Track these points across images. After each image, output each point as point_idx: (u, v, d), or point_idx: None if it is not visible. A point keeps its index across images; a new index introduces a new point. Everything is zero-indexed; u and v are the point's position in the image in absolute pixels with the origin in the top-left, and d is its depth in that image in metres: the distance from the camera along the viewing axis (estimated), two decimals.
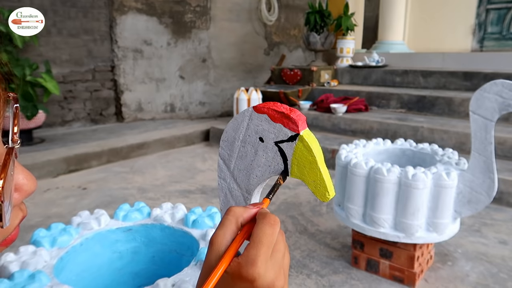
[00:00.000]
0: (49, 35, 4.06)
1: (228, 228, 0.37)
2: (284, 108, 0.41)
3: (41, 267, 0.80)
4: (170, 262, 0.96)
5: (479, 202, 1.51)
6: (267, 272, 0.35)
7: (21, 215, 0.34)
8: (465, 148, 2.91)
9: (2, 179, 0.28)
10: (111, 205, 2.52)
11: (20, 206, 0.33)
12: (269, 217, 0.37)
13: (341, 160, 1.74)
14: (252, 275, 0.34)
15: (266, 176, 0.44)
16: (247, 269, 0.34)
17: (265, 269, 0.35)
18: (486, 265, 1.79)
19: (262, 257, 0.35)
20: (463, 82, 4.01)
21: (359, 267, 1.77)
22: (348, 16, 4.71)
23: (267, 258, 0.35)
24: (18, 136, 0.32)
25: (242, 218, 0.38)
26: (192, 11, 4.82)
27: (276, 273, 0.36)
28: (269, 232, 0.36)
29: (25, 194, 0.33)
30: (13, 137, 0.31)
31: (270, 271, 0.35)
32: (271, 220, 0.37)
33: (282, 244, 0.37)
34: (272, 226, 0.36)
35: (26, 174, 0.33)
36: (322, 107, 4.00)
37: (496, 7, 5.15)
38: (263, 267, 0.35)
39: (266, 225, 0.36)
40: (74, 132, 4.17)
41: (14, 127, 0.32)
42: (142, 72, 4.73)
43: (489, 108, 1.42)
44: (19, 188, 0.32)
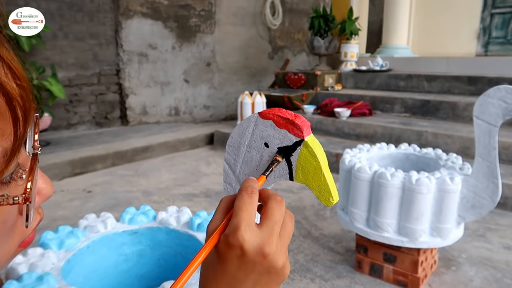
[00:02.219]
0: (56, 39, 4.10)
1: (218, 214, 0.39)
2: (289, 114, 0.42)
3: (49, 269, 0.81)
4: (175, 265, 0.97)
5: (483, 207, 1.51)
6: (253, 237, 0.36)
7: (39, 218, 0.35)
8: (470, 152, 2.91)
9: (30, 181, 0.30)
10: (116, 208, 2.54)
11: (38, 209, 0.35)
12: (246, 188, 0.39)
13: (345, 165, 1.74)
14: (237, 239, 0.35)
15: (271, 181, 0.45)
16: (232, 236, 0.35)
17: (251, 234, 0.35)
18: (490, 270, 1.78)
19: (244, 223, 0.35)
20: (467, 87, 4.00)
21: (362, 271, 1.77)
22: (352, 21, 4.72)
23: (249, 224, 0.36)
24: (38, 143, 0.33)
25: (232, 202, 0.39)
26: (197, 15, 4.85)
27: (264, 238, 0.36)
28: (248, 201, 0.37)
29: (44, 197, 0.34)
30: (34, 144, 0.33)
31: (257, 236, 0.36)
32: (248, 190, 0.38)
33: (276, 213, 0.38)
34: (250, 195, 0.38)
35: (45, 179, 0.34)
36: (326, 111, 4.00)
37: (500, 12, 5.15)
38: (247, 232, 0.35)
39: (244, 194, 0.38)
40: (79, 135, 4.20)
41: (34, 134, 0.33)
42: (147, 76, 4.76)
43: (492, 114, 1.42)
44: (39, 192, 0.34)
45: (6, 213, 0.29)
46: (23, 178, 0.30)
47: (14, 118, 0.27)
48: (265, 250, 0.36)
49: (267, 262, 0.36)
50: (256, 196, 0.38)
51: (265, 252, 0.36)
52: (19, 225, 0.32)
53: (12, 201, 0.28)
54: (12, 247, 0.32)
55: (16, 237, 0.32)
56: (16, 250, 0.34)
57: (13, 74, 0.27)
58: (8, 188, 0.29)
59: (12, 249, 0.33)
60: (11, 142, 0.27)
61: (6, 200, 0.28)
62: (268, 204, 0.38)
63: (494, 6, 5.17)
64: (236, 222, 0.36)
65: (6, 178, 0.29)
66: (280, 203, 0.38)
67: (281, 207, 0.38)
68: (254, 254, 0.36)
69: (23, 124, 0.28)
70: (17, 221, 0.31)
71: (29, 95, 0.29)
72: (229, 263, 0.36)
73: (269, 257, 0.36)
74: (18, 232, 0.32)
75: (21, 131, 0.28)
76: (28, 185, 0.29)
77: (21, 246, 0.34)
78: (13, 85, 0.27)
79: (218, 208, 0.40)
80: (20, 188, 0.30)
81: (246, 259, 0.36)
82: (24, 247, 0.35)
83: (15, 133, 0.27)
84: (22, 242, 0.34)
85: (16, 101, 0.27)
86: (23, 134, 0.28)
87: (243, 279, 0.37)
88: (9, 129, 0.27)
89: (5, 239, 0.31)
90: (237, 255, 0.36)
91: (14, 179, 0.30)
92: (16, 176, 0.30)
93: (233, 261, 0.36)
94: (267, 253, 0.36)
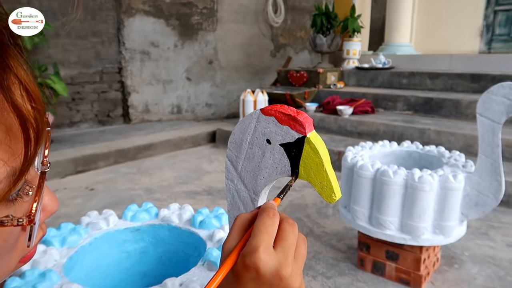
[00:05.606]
0: (58, 37, 4.10)
1: (235, 232, 0.39)
2: (291, 111, 0.42)
3: (52, 266, 0.81)
4: (178, 262, 0.97)
5: (486, 204, 1.50)
6: (269, 260, 0.35)
7: (41, 234, 0.35)
8: (473, 150, 2.90)
9: (36, 202, 0.30)
10: (119, 205, 2.54)
11: (41, 225, 0.35)
12: (268, 209, 0.38)
13: (347, 162, 1.74)
14: (254, 262, 0.35)
15: (273, 178, 0.45)
16: (249, 257, 0.35)
17: (268, 256, 0.35)
18: (493, 268, 1.78)
19: (263, 245, 0.35)
20: (470, 84, 3.98)
21: (365, 269, 1.77)
22: (354, 18, 4.70)
23: (268, 246, 0.36)
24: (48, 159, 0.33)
25: (248, 221, 0.39)
26: (199, 13, 4.84)
27: (281, 261, 0.36)
28: (268, 222, 0.37)
29: (48, 214, 0.34)
30: (44, 160, 0.33)
31: (274, 259, 0.36)
32: (270, 212, 0.38)
33: (289, 235, 0.38)
34: (271, 218, 0.37)
35: (51, 195, 0.34)
36: (328, 109, 3.99)
37: (504, 9, 5.12)
38: (265, 254, 0.35)
39: (264, 216, 0.37)
40: (82, 133, 4.21)
41: (45, 150, 0.33)
42: (149, 74, 4.76)
43: (496, 111, 1.41)
44: (44, 208, 0.34)
45: (9, 232, 0.29)
46: (29, 194, 0.30)
47: (26, 139, 0.27)
48: (281, 272, 0.35)
49: (284, 284, 0.36)
50: (277, 218, 0.38)
51: (281, 275, 0.35)
52: (21, 242, 0.31)
53: (17, 223, 0.28)
54: (12, 263, 0.32)
55: (17, 253, 0.32)
56: (17, 266, 0.33)
57: (29, 97, 0.28)
58: (14, 206, 0.29)
59: (13, 265, 0.33)
60: (21, 162, 0.27)
61: (11, 222, 0.28)
62: (281, 227, 0.38)
63: (498, 3, 5.14)
64: (254, 243, 0.35)
65: (12, 196, 0.29)
66: (292, 226, 0.38)
67: (294, 230, 0.38)
68: (271, 277, 0.35)
69: (35, 145, 0.28)
70: (19, 238, 0.31)
71: (42, 117, 0.29)
72: (244, 284, 0.36)
73: (285, 279, 0.36)
74: (20, 249, 0.32)
75: (32, 152, 0.28)
76: (34, 206, 0.29)
77: (21, 261, 0.34)
78: (28, 107, 0.27)
79: (234, 226, 0.39)
80: (25, 205, 0.30)
81: (262, 281, 0.36)
82: (24, 262, 0.34)
83: (26, 154, 0.27)
84: (22, 257, 0.34)
85: (29, 123, 0.27)
86: (33, 155, 0.29)
87: None
88: (20, 149, 0.27)
89: (6, 256, 0.31)
90: (253, 277, 0.35)
91: (20, 196, 0.29)
92: (23, 193, 0.30)
93: (249, 282, 0.36)
94: (283, 275, 0.36)
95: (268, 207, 0.39)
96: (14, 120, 0.26)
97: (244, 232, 0.39)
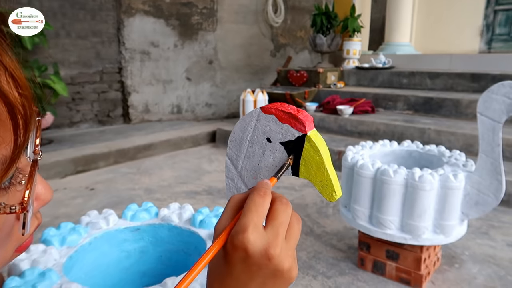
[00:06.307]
0: (58, 37, 4.10)
1: (227, 213, 0.38)
2: (292, 109, 0.42)
3: (51, 265, 0.81)
4: (177, 261, 0.97)
5: (487, 204, 1.50)
6: (258, 239, 0.35)
7: (36, 223, 0.35)
8: (473, 150, 2.90)
9: (28, 190, 0.29)
10: (119, 205, 2.54)
11: (36, 214, 0.35)
12: (259, 188, 0.38)
13: (347, 162, 1.74)
14: (242, 242, 0.34)
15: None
16: (237, 237, 0.34)
17: (256, 236, 0.35)
18: (493, 268, 1.78)
19: (251, 225, 0.35)
20: (470, 84, 3.98)
21: (365, 268, 1.77)
22: (354, 18, 4.70)
23: (257, 226, 0.35)
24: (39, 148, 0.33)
25: (241, 202, 0.39)
26: (199, 13, 4.84)
27: (270, 240, 0.35)
28: (259, 202, 0.36)
29: (42, 203, 0.34)
30: (35, 149, 0.32)
31: (263, 238, 0.35)
32: (261, 191, 0.37)
33: (281, 214, 0.37)
34: (262, 197, 0.37)
35: (44, 184, 0.34)
36: (328, 108, 3.99)
37: (504, 8, 5.12)
38: (253, 234, 0.34)
39: (255, 195, 0.37)
40: (82, 133, 4.20)
41: (36, 139, 0.33)
42: (149, 74, 4.76)
43: (496, 110, 1.41)
44: (38, 197, 0.33)
45: (3, 221, 0.29)
46: (22, 183, 0.30)
47: (15, 126, 0.27)
48: (270, 252, 0.35)
49: (273, 264, 0.35)
50: (269, 198, 0.37)
51: (270, 254, 0.35)
52: (15, 231, 0.31)
53: (9, 210, 0.28)
54: (8, 253, 0.32)
55: (12, 242, 0.32)
56: (13, 255, 0.33)
57: (15, 83, 0.27)
58: (7, 194, 0.29)
59: (8, 255, 0.32)
60: (11, 150, 0.27)
61: (3, 209, 0.28)
62: (273, 206, 0.37)
63: (498, 3, 5.14)
64: (243, 223, 0.35)
65: (4, 184, 0.28)
66: (285, 205, 0.38)
67: (286, 209, 0.37)
68: (259, 257, 0.35)
69: (24, 132, 0.28)
70: (13, 227, 0.31)
71: (30, 103, 0.29)
72: (234, 265, 0.36)
73: (274, 259, 0.35)
74: (15, 238, 0.32)
75: (21, 139, 0.28)
76: (26, 194, 0.29)
77: (17, 251, 0.34)
78: (15, 94, 0.27)
79: (226, 207, 0.39)
80: (18, 194, 0.30)
81: (251, 262, 0.35)
82: (20, 252, 0.34)
83: (15, 141, 0.27)
84: (18, 247, 0.33)
85: (17, 110, 0.27)
86: (23, 142, 0.28)
87: (248, 281, 0.36)
88: (10, 137, 0.27)
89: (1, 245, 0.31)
90: (242, 257, 0.35)
91: (13, 184, 0.29)
92: (15, 182, 0.30)
93: (238, 263, 0.35)
94: (272, 255, 0.35)
95: (260, 187, 0.38)
96: (1, 108, 0.26)
97: (236, 213, 0.38)
